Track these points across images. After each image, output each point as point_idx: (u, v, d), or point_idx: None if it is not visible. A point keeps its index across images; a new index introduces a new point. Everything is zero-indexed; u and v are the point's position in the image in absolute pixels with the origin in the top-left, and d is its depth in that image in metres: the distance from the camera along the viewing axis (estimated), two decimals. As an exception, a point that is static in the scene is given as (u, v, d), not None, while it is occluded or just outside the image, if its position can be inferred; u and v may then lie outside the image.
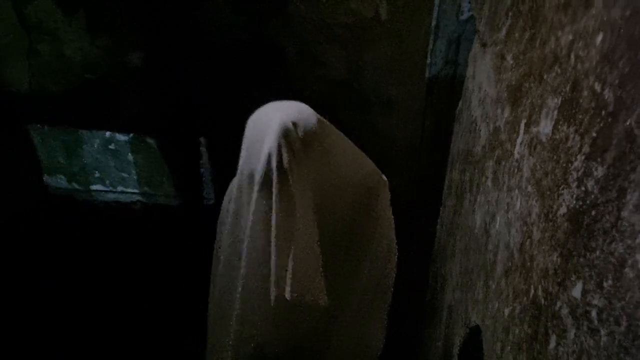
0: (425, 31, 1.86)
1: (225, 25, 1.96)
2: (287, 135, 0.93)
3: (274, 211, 0.92)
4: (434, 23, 1.85)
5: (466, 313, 1.18)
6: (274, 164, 0.92)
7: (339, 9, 1.88)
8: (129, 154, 2.39)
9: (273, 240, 0.92)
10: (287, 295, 0.94)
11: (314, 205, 0.95)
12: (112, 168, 2.42)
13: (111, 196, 2.45)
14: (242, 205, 1.01)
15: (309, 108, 1.01)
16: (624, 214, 0.52)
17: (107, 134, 2.33)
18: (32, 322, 2.18)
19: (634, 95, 0.53)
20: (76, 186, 2.42)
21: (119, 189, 2.44)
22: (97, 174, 2.43)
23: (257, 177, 0.93)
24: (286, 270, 0.93)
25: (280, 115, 0.95)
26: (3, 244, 2.25)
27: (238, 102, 2.11)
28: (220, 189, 2.34)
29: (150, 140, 2.34)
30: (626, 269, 0.51)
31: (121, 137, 2.35)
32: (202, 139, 2.28)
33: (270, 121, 0.96)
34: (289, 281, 0.93)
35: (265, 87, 2.03)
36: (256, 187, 0.94)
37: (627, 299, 0.51)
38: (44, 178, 2.37)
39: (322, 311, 1.05)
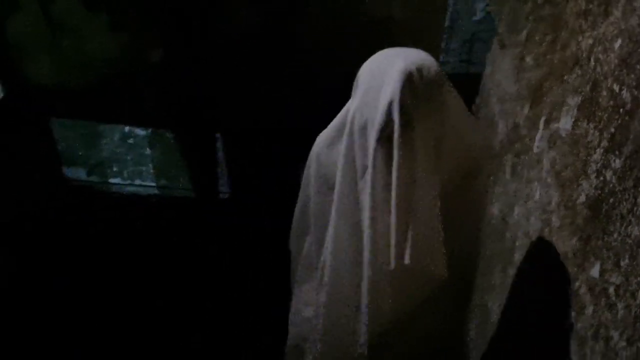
0: (439, 31, 1.93)
1: (242, 22, 2.02)
2: (412, 81, 0.84)
3: (394, 165, 0.85)
4: (447, 23, 1.92)
5: (482, 298, 1.25)
6: (395, 112, 0.84)
7: (354, 8, 1.94)
8: (147, 147, 2.46)
9: (393, 198, 0.86)
10: (407, 261, 0.88)
11: (436, 161, 0.88)
12: (130, 161, 2.49)
13: (129, 189, 2.51)
14: (351, 159, 0.93)
15: (430, 55, 0.92)
16: (640, 200, 0.59)
17: (126, 128, 2.40)
18: (50, 313, 2.22)
19: (650, 95, 0.60)
20: (95, 179, 2.49)
21: (137, 182, 2.52)
22: (115, 168, 2.50)
23: (376, 127, 0.85)
24: (407, 233, 0.88)
25: (402, 60, 0.86)
26: (24, 235, 2.31)
27: (253, 98, 2.18)
28: (235, 183, 2.40)
29: (167, 135, 2.41)
30: (642, 249, 0.58)
31: (140, 132, 2.42)
32: (218, 135, 2.34)
33: (391, 66, 0.87)
34: (409, 245, 0.88)
35: (280, 84, 2.10)
36: (373, 138, 0.86)
37: (642, 274, 0.58)
38: (63, 170, 2.44)
39: (440, 284, 0.96)
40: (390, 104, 0.84)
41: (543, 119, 0.89)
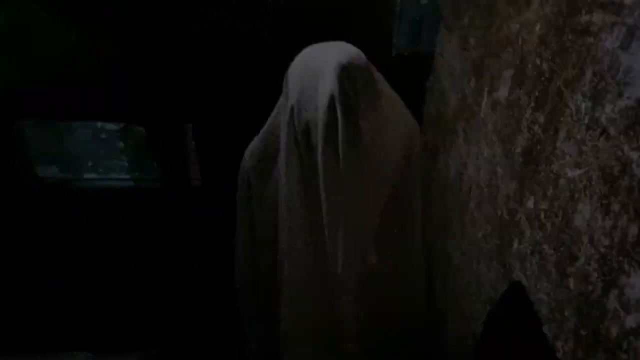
0: (391, 15, 2.11)
1: (207, 17, 2.14)
2: (348, 74, 0.81)
3: (342, 162, 0.83)
4: (398, 8, 2.11)
5: (445, 247, 1.46)
6: (338, 107, 0.81)
7: (310, -3, 2.10)
8: (119, 141, 2.55)
9: (347, 195, 0.86)
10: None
11: (379, 149, 0.88)
12: (103, 156, 2.57)
13: (104, 183, 2.59)
14: (294, 166, 0.91)
15: (354, 46, 0.90)
16: (558, 144, 0.80)
17: (98, 123, 2.49)
18: (28, 311, 2.27)
19: (561, 65, 0.80)
20: (69, 176, 2.56)
21: (111, 175, 2.60)
22: (89, 163, 2.58)
23: (320, 127, 0.83)
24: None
25: (334, 55, 0.84)
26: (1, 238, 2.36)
27: (220, 89, 2.31)
28: (205, 170, 2.52)
29: (139, 128, 2.50)
30: (561, 179, 0.79)
31: (111, 126, 2.50)
32: (188, 125, 2.45)
33: (324, 63, 0.84)
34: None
35: (244, 74, 2.23)
36: (321, 138, 0.83)
37: (561, 198, 0.79)
38: (36, 170, 2.50)
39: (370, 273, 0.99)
40: (331, 100, 0.81)
41: (486, 89, 1.10)
